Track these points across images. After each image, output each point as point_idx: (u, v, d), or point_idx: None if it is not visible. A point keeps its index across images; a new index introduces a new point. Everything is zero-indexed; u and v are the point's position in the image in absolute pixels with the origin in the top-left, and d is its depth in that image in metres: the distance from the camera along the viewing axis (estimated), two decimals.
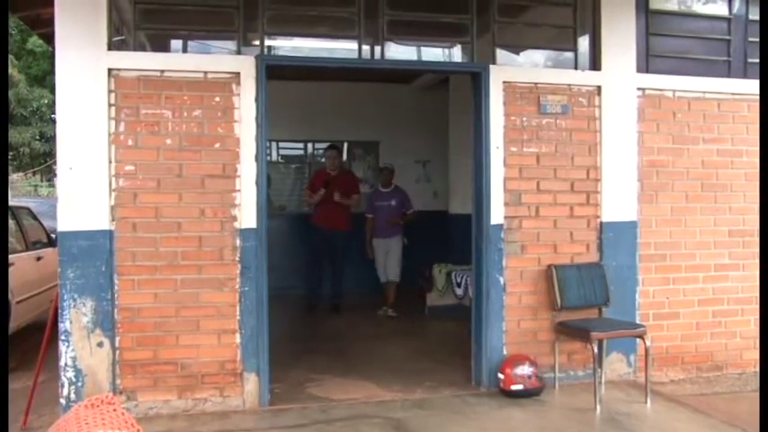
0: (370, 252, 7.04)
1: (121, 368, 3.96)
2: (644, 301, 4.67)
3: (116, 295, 3.93)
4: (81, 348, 3.89)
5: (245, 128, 4.03)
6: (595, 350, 4.12)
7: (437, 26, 4.54)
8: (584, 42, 4.64)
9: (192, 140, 3.99)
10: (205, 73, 4.02)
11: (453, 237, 7.48)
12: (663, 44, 4.76)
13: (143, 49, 4.16)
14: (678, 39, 4.84)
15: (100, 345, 3.91)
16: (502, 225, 4.41)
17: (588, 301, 4.45)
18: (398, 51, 4.47)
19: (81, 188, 3.88)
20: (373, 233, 6.98)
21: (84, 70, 3.86)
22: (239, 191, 4.04)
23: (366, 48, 4.32)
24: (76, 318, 3.88)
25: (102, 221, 3.90)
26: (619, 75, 4.59)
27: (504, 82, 4.42)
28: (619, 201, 4.61)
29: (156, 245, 3.96)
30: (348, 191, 6.87)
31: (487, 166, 4.39)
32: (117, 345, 3.95)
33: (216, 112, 4.02)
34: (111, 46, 3.94)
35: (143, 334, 3.97)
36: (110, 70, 3.91)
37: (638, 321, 4.57)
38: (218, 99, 4.02)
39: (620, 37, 4.58)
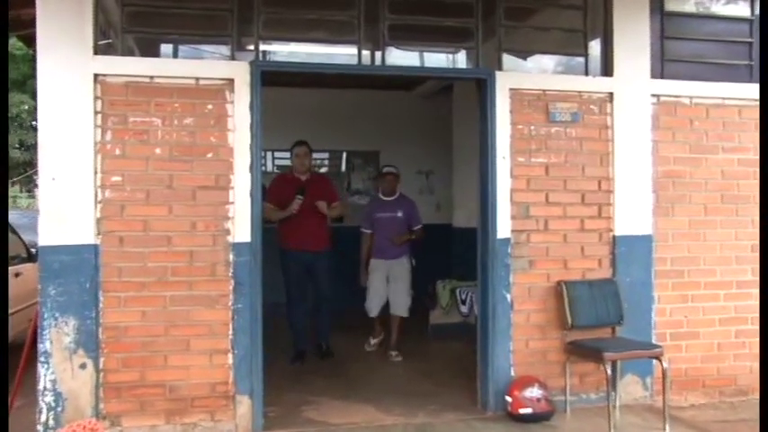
0: (363, 278, 5.98)
1: (105, 391, 3.91)
2: (660, 319, 4.63)
3: (101, 313, 3.89)
4: (62, 371, 3.84)
5: (238, 137, 4.04)
6: (609, 372, 4.07)
7: (440, 30, 4.53)
8: (595, 47, 4.62)
9: (182, 150, 3.99)
10: (197, 79, 4.02)
11: (457, 251, 7.43)
12: (679, 48, 4.75)
13: (131, 53, 4.13)
14: (695, 42, 4.82)
15: (82, 366, 3.86)
16: (509, 239, 4.39)
17: (601, 320, 4.41)
18: (400, 57, 4.48)
19: (64, 200, 3.85)
20: (371, 253, 5.95)
21: (68, 75, 3.84)
22: (233, 203, 4.03)
23: (366, 53, 4.32)
24: (57, 338, 3.83)
25: (86, 235, 3.87)
26: (632, 81, 4.57)
27: (511, 89, 4.42)
28: (632, 213, 4.58)
29: (144, 260, 3.93)
30: (329, 199, 5.72)
31: (493, 177, 4.39)
32: (101, 366, 3.90)
33: (208, 121, 4.02)
34: (98, 50, 3.91)
35: (129, 354, 3.92)
36: (96, 75, 3.89)
37: (654, 341, 4.52)
38: (210, 107, 4.03)
39: (633, 41, 4.56)
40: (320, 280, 5.74)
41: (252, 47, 4.16)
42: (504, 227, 4.40)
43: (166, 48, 4.32)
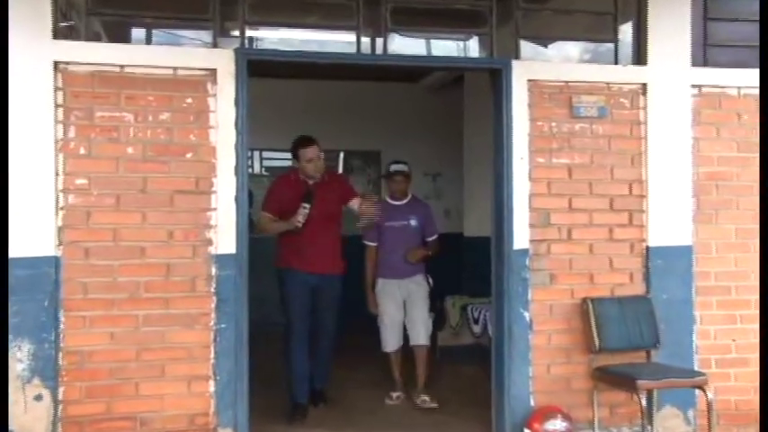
0: (372, 303, 5.32)
1: (64, 426, 3.80)
2: (703, 343, 4.48)
3: (61, 336, 3.81)
4: (13, 403, 3.69)
5: (222, 135, 3.98)
6: (643, 402, 3.98)
7: (450, 15, 4.50)
8: (626, 31, 4.54)
9: (158, 149, 3.94)
10: (174, 69, 3.95)
11: (469, 263, 7.31)
12: (725, 31, 4.63)
13: (98, 38, 4.07)
14: (745, 24, 4.66)
15: (38, 398, 3.75)
16: (527, 250, 4.33)
17: (633, 343, 4.30)
18: (404, 44, 4.44)
19: (20, 206, 3.73)
20: (378, 271, 5.33)
21: (23, 62, 3.74)
22: (215, 209, 3.98)
23: (366, 40, 4.28)
24: (9, 365, 3.69)
25: (46, 246, 3.78)
26: (669, 69, 4.46)
27: (530, 80, 4.35)
28: (669, 221, 4.46)
29: (113, 274, 3.87)
30: (345, 197, 5.05)
31: (509, 180, 4.33)
32: (60, 397, 3.80)
33: (187, 116, 3.97)
34: (58, 34, 3.82)
35: (94, 383, 3.83)
36: (56, 63, 3.80)
37: (696, 368, 4.38)
38: (189, 100, 3.98)
39: (670, 23, 4.44)
40: (325, 311, 4.98)
41: (237, 33, 4.12)
42: (521, 236, 4.32)
43: (139, 33, 4.28)
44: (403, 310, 5.27)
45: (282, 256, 4.96)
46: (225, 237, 3.96)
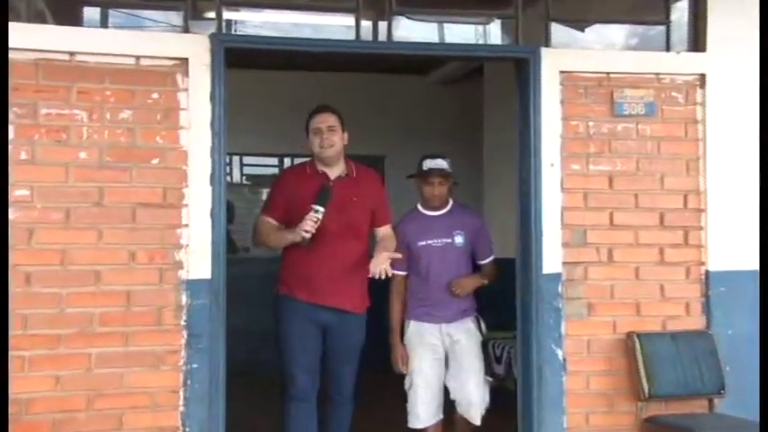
0: (398, 359, 4.30)
1: None
2: None
3: None
4: None
5: (195, 137, 3.96)
6: None
7: None
8: (681, 10, 4.51)
9: (117, 154, 3.89)
10: (137, 58, 3.91)
11: (490, 290, 7.13)
12: None
13: (42, 19, 4.02)
14: None
15: None
16: (559, 275, 4.29)
17: (691, 388, 4.23)
18: (412, 30, 4.47)
19: None
20: (408, 311, 4.39)
21: None
22: (186, 226, 3.95)
23: (367, 24, 4.28)
24: None
25: None
26: (733, 56, 4.39)
27: (563, 72, 4.32)
28: (734, 240, 4.39)
29: (60, 304, 3.79)
30: (378, 215, 4.19)
31: (538, 190, 4.30)
32: None
33: (153, 115, 3.94)
34: None
35: None
36: None
37: None
38: (155, 96, 3.94)
39: (736, 0, 4.36)
40: (339, 365, 4.10)
41: (213, 15, 4.10)
42: (552, 258, 4.29)
43: (92, 13, 4.23)
44: (444, 367, 4.34)
45: (283, 279, 4.11)
46: (198, 259, 3.91)
